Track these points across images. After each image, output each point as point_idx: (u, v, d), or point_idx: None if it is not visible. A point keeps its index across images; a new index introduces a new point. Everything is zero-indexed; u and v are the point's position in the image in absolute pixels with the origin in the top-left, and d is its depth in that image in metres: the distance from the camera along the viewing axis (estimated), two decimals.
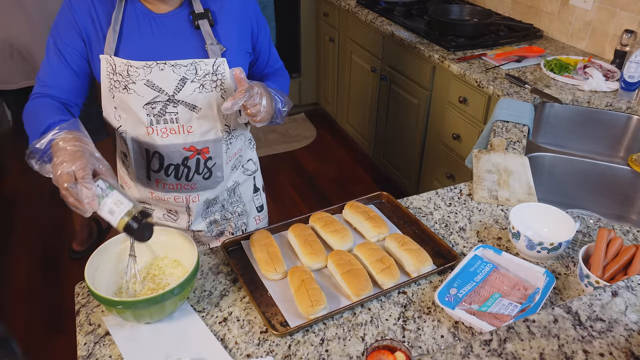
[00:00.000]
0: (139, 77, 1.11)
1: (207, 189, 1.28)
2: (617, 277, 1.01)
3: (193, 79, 1.13)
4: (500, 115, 1.72)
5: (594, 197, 1.67)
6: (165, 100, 1.13)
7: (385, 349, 0.84)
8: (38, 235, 2.78)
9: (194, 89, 1.13)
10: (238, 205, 1.39)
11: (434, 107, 2.47)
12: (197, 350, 0.93)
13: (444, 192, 1.37)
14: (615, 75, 2.00)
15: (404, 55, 2.58)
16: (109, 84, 1.14)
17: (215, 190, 1.30)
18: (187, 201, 1.28)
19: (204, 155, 1.22)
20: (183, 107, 1.15)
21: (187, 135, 1.18)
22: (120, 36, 1.12)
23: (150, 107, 1.14)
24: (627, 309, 0.79)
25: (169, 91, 1.13)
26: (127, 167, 1.28)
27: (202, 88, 1.14)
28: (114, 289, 1.04)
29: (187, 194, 1.27)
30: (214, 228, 1.38)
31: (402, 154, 2.84)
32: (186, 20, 1.14)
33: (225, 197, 1.35)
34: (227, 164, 1.28)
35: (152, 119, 1.15)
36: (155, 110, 1.14)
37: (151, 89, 1.12)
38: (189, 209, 1.30)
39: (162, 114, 1.15)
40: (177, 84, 1.12)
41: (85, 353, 0.93)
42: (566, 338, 0.75)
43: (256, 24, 1.25)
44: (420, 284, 1.08)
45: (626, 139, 1.85)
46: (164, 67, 1.10)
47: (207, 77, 1.13)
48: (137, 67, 1.10)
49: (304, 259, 1.12)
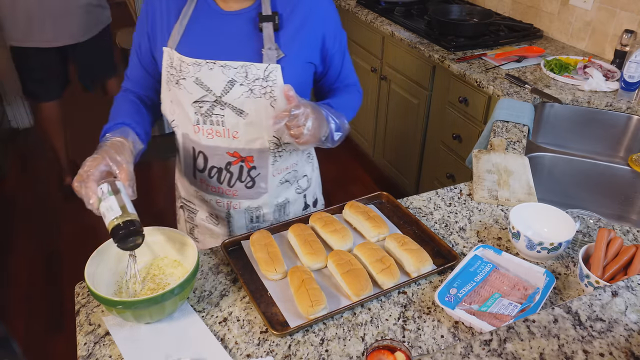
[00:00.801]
0: (189, 74, 1.10)
1: (249, 198, 1.24)
2: (617, 277, 1.01)
3: (242, 82, 1.09)
4: (500, 115, 1.72)
5: (594, 197, 1.67)
6: (212, 101, 1.12)
7: (385, 349, 0.84)
8: (38, 235, 2.78)
9: (242, 92, 1.10)
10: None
11: (434, 107, 2.47)
12: (197, 350, 0.93)
13: (444, 192, 1.37)
14: (615, 75, 2.00)
15: (404, 55, 2.58)
16: (167, 77, 1.15)
17: (258, 200, 1.25)
18: (229, 207, 1.25)
19: (247, 163, 1.18)
20: (230, 111, 1.12)
21: (232, 140, 1.15)
22: (185, 31, 1.12)
23: (198, 105, 1.13)
24: (627, 309, 0.79)
25: (216, 92, 1.10)
26: (179, 162, 1.29)
27: (251, 93, 1.10)
28: (114, 289, 1.04)
29: (229, 200, 1.24)
30: None
31: (402, 154, 2.84)
32: (252, 20, 1.11)
33: (272, 211, 1.28)
34: (274, 176, 1.23)
35: (199, 118, 1.14)
36: (203, 109, 1.13)
37: (200, 87, 1.11)
38: (230, 215, 1.26)
39: (208, 114, 1.13)
40: (226, 85, 1.09)
41: (85, 353, 0.93)
42: (566, 338, 0.75)
43: (331, 34, 1.18)
44: (420, 284, 1.08)
45: (626, 139, 1.85)
46: (213, 67, 1.09)
47: (257, 82, 1.09)
48: (189, 63, 1.10)
49: (304, 259, 1.12)
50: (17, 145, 3.62)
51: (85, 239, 2.72)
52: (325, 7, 1.17)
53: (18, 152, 3.54)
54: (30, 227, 2.84)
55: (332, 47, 1.20)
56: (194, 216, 1.32)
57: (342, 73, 1.26)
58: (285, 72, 1.10)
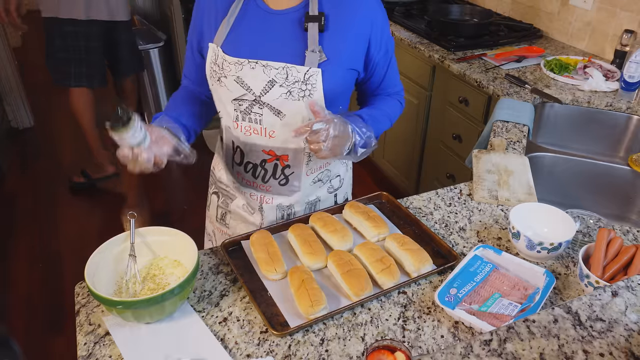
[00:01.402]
0: (230, 72, 1.11)
1: (282, 194, 1.25)
2: (617, 277, 1.01)
3: (282, 83, 1.09)
4: (500, 115, 1.72)
5: (594, 197, 1.67)
6: (252, 100, 1.12)
7: (385, 349, 0.84)
8: (38, 235, 2.78)
9: (281, 93, 1.10)
10: None
11: (434, 107, 2.47)
12: (197, 350, 0.93)
13: (444, 192, 1.37)
14: (615, 75, 2.00)
15: (404, 55, 2.58)
16: (210, 73, 1.16)
17: (291, 198, 1.26)
18: (261, 201, 1.27)
19: (282, 161, 1.20)
20: (268, 111, 1.12)
21: (269, 139, 1.16)
22: (231, 29, 1.13)
23: (238, 103, 1.14)
24: (627, 309, 0.79)
25: (256, 91, 1.11)
26: (222, 151, 1.32)
27: (289, 95, 1.09)
28: (114, 289, 1.04)
29: (262, 194, 1.26)
30: None
31: (402, 154, 2.84)
32: (298, 20, 1.10)
33: (303, 209, 1.30)
34: (308, 175, 1.24)
35: (238, 115, 1.16)
36: (242, 107, 1.14)
37: (240, 85, 1.12)
38: (262, 209, 1.28)
39: (247, 112, 1.14)
40: (265, 85, 1.10)
41: (85, 353, 0.93)
42: (566, 338, 0.75)
43: (378, 40, 1.15)
44: (420, 284, 1.08)
45: (626, 139, 1.85)
46: (255, 67, 1.09)
47: (296, 84, 1.08)
48: (230, 62, 1.11)
49: (304, 259, 1.12)
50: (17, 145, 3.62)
51: (85, 239, 2.72)
52: (374, 11, 1.14)
53: (18, 152, 3.54)
54: (30, 227, 2.84)
55: (377, 54, 1.17)
56: (229, 202, 1.34)
57: (384, 81, 1.25)
58: (326, 77, 1.09)
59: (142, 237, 1.09)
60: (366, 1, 1.13)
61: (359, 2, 1.12)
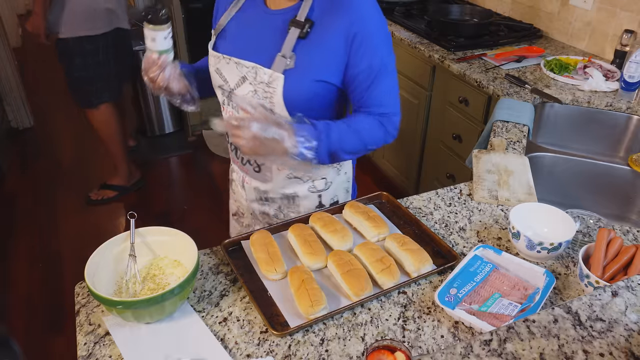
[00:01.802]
0: (212, 64, 1.23)
1: (257, 180, 1.32)
2: (617, 277, 1.01)
3: (252, 81, 1.14)
4: (500, 115, 1.72)
5: (594, 197, 1.67)
6: (229, 90, 1.21)
7: (385, 349, 0.84)
8: (38, 235, 2.78)
9: (249, 90, 1.15)
10: (293, 210, 1.34)
11: (434, 107, 2.47)
12: (197, 350, 0.93)
13: (444, 192, 1.37)
14: (615, 75, 2.00)
15: (404, 55, 2.58)
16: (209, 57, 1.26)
17: (265, 185, 1.31)
18: (243, 180, 1.36)
19: None
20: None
21: None
22: (227, 23, 1.22)
23: (221, 91, 1.24)
24: (627, 309, 0.79)
25: (231, 84, 1.20)
26: None
27: (255, 93, 1.14)
28: (114, 289, 1.04)
29: (243, 175, 1.35)
30: (266, 217, 1.38)
31: (402, 154, 2.84)
32: (286, 22, 1.11)
33: (280, 198, 1.32)
34: (279, 170, 1.26)
35: (224, 99, 1.25)
36: (225, 94, 1.24)
37: (219, 76, 1.22)
38: (244, 188, 1.37)
39: (229, 98, 1.23)
40: (238, 80, 1.17)
41: (85, 353, 0.93)
42: (566, 338, 0.75)
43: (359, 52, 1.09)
44: (420, 284, 1.08)
45: (626, 139, 1.85)
46: (229, 62, 1.17)
47: (261, 85, 1.12)
48: (212, 55, 1.22)
49: (304, 259, 1.12)
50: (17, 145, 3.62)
51: (85, 239, 2.72)
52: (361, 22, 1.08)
53: (18, 152, 3.54)
54: (30, 227, 2.84)
55: (354, 68, 1.11)
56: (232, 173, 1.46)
57: (366, 99, 1.15)
58: (288, 84, 1.09)
59: (142, 237, 1.09)
60: (356, 12, 1.08)
61: (347, 13, 1.08)
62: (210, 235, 2.69)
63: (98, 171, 3.28)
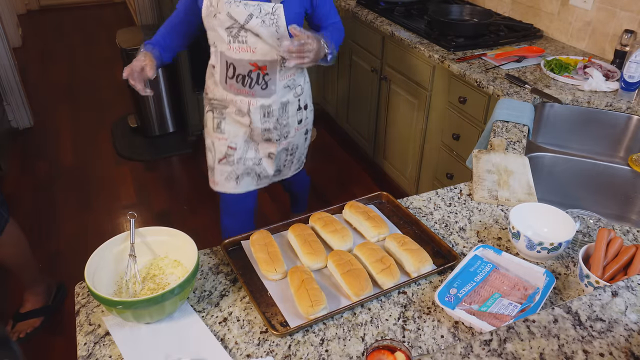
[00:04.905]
0: (223, 9, 1.58)
1: (263, 97, 1.74)
2: (617, 277, 1.01)
3: (257, 15, 1.56)
4: (500, 115, 1.72)
5: (594, 197, 1.67)
6: (239, 27, 1.60)
7: (385, 349, 0.84)
8: (38, 235, 2.78)
9: (257, 22, 1.57)
10: (285, 118, 1.83)
11: (434, 107, 2.47)
12: (197, 350, 0.93)
13: (444, 192, 1.37)
14: (615, 75, 2.00)
15: (404, 55, 2.58)
16: (207, 12, 1.63)
17: (269, 99, 1.74)
18: (249, 104, 1.75)
19: (262, 70, 1.68)
20: (251, 34, 1.60)
21: (252, 54, 1.64)
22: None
23: (229, 30, 1.62)
24: (627, 309, 0.79)
25: (241, 21, 1.58)
26: (214, 75, 1.79)
27: (263, 23, 1.57)
28: (114, 289, 1.04)
29: (249, 99, 1.74)
30: (265, 133, 1.83)
31: (402, 154, 2.84)
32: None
33: (278, 109, 1.78)
34: (280, 81, 1.73)
35: (230, 39, 1.63)
36: (232, 32, 1.62)
37: (230, 18, 1.59)
38: (250, 110, 1.76)
39: (237, 36, 1.62)
40: (247, 17, 1.57)
41: (85, 353, 0.93)
42: (566, 338, 0.75)
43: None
44: (420, 284, 1.08)
45: (626, 139, 1.85)
46: (239, 5, 1.56)
47: (267, 15, 1.56)
48: (223, 2, 1.57)
49: (304, 259, 1.12)
50: (17, 145, 3.62)
51: (85, 239, 2.72)
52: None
53: (18, 152, 3.54)
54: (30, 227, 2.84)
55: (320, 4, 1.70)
56: (224, 111, 1.82)
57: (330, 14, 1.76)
58: (286, 11, 1.57)
59: (142, 237, 1.09)
60: None
61: None
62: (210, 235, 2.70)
63: (98, 171, 3.28)
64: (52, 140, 3.67)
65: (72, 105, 4.14)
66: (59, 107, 4.11)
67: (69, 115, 3.98)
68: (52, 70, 4.74)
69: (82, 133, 3.73)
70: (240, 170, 1.88)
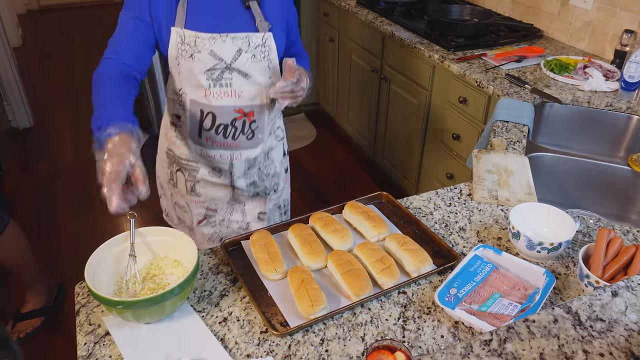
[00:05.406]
0: (204, 47, 1.27)
1: (249, 148, 1.44)
2: (617, 277, 1.01)
3: (247, 49, 1.30)
4: (500, 115, 1.72)
5: (594, 197, 1.67)
6: (223, 68, 1.30)
7: (385, 349, 0.84)
8: (37, 235, 2.78)
9: (247, 58, 1.31)
10: (271, 167, 1.55)
11: (434, 107, 2.47)
12: (197, 350, 0.93)
13: (444, 192, 1.37)
14: (615, 75, 2.00)
15: (404, 55, 2.58)
16: (177, 53, 1.31)
17: (256, 150, 1.46)
18: (231, 158, 1.44)
19: (249, 117, 1.39)
20: (237, 74, 1.32)
21: (238, 99, 1.35)
22: (187, 11, 1.28)
23: (210, 72, 1.31)
24: (627, 309, 0.79)
25: (227, 60, 1.30)
26: (179, 127, 1.45)
27: (254, 58, 1.31)
28: (114, 289, 1.04)
29: (232, 152, 1.43)
30: (251, 189, 1.52)
31: (402, 154, 2.84)
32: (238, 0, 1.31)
33: (262, 159, 1.50)
34: (267, 127, 1.46)
35: (210, 83, 1.32)
36: (214, 75, 1.31)
37: (213, 57, 1.29)
38: (232, 166, 1.45)
39: (219, 79, 1.32)
40: (235, 54, 1.29)
41: (85, 353, 0.93)
42: (566, 338, 0.75)
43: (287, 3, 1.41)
44: (420, 284, 1.08)
45: (626, 139, 1.85)
46: (226, 39, 1.28)
47: (257, 48, 1.31)
48: (204, 38, 1.27)
49: (304, 259, 1.12)
50: (17, 145, 3.62)
51: (86, 239, 2.72)
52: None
53: (18, 152, 3.54)
54: (30, 227, 2.83)
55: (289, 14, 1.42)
56: (195, 174, 1.48)
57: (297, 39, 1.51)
58: (276, 40, 1.33)
59: (142, 237, 1.09)
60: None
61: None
62: None
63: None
64: (52, 140, 3.67)
65: (72, 105, 4.14)
66: (59, 107, 4.11)
67: (69, 115, 3.98)
68: (52, 70, 4.74)
69: (82, 133, 3.73)
70: (225, 232, 1.56)
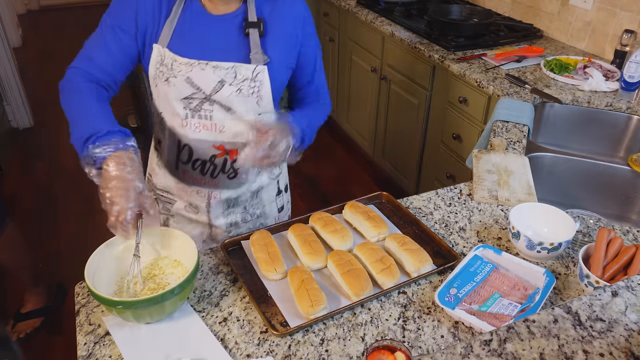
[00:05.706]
0: (180, 73, 1.13)
1: (230, 188, 1.29)
2: (617, 277, 1.01)
3: (232, 82, 1.14)
4: (500, 115, 1.72)
5: (594, 197, 1.67)
6: (202, 98, 1.15)
7: (385, 349, 0.84)
8: (37, 235, 2.78)
9: (231, 92, 1.14)
10: (258, 207, 1.37)
11: (434, 107, 2.47)
12: (197, 350, 0.93)
13: (444, 192, 1.37)
14: (615, 75, 2.00)
15: (404, 55, 2.58)
16: (155, 73, 1.17)
17: (238, 190, 1.30)
18: (209, 196, 1.29)
19: (231, 156, 1.22)
20: (218, 107, 1.16)
21: (219, 134, 1.19)
22: (175, 30, 1.14)
23: (187, 101, 1.16)
24: (627, 309, 0.79)
25: (206, 90, 1.14)
26: (160, 153, 1.31)
27: (239, 92, 1.15)
28: (114, 289, 1.04)
29: (210, 190, 1.28)
30: (232, 229, 1.36)
31: (402, 154, 2.84)
32: (238, 25, 1.15)
33: (247, 198, 1.33)
34: (254, 168, 1.27)
35: (187, 112, 1.17)
36: (192, 105, 1.16)
37: (190, 85, 1.14)
38: (210, 204, 1.30)
39: (197, 109, 1.17)
40: (216, 85, 1.14)
41: (85, 353, 0.93)
42: (566, 338, 0.75)
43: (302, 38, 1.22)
44: (420, 284, 1.08)
45: (626, 139, 1.85)
46: (205, 68, 1.12)
47: (245, 82, 1.14)
48: (181, 62, 1.13)
49: (304, 259, 1.12)
50: (17, 145, 3.62)
51: (85, 239, 2.72)
52: (302, 13, 1.22)
53: (18, 152, 3.54)
54: (30, 227, 2.83)
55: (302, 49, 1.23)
56: (170, 207, 1.35)
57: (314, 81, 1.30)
58: (270, 75, 1.16)
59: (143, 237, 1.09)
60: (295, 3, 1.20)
61: (289, 4, 1.19)
62: None
63: None
64: (52, 140, 3.67)
65: None
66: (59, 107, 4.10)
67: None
68: (52, 70, 4.73)
69: None
70: None
